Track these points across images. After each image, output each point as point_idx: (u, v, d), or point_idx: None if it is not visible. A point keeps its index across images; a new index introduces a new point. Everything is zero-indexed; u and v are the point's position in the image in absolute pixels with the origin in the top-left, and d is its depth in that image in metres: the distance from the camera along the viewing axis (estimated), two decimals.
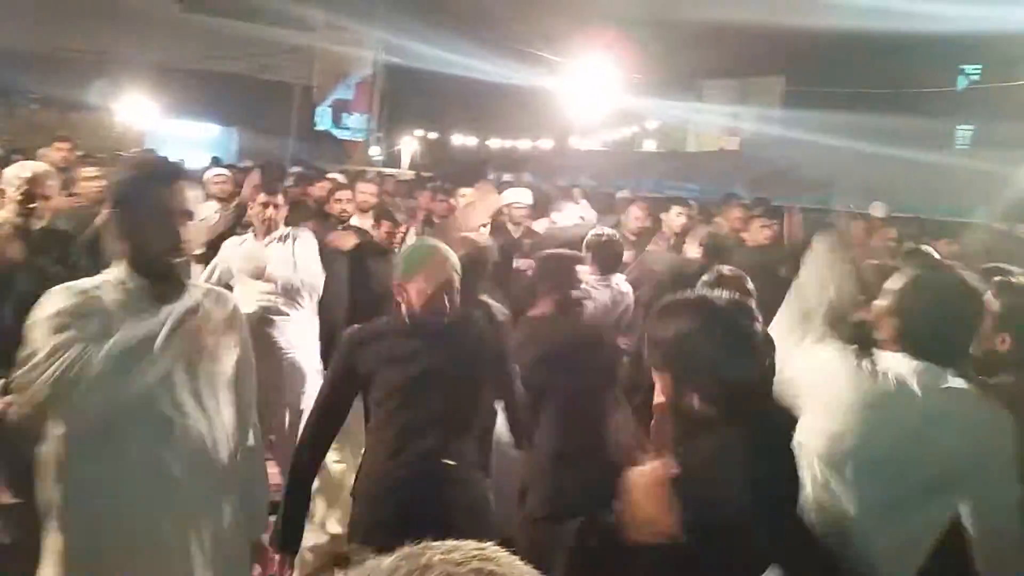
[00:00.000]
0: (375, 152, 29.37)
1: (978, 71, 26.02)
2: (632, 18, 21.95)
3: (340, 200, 5.67)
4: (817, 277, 2.18)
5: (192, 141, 22.89)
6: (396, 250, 4.93)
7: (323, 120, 28.87)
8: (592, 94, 19.86)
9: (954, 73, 26.38)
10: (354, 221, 5.74)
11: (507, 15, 22.65)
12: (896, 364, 1.95)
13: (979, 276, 2.43)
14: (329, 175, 7.91)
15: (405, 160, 30.08)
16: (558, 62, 20.05)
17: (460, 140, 32.44)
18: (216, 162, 13.52)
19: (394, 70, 28.79)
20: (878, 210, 7.61)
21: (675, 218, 6.06)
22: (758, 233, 5.42)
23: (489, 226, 5.36)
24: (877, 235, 5.95)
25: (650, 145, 32.80)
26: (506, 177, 23.99)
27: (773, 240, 5.32)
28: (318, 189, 6.81)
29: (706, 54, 27.56)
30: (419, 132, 32.00)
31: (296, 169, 9.06)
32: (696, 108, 28.58)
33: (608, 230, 4.65)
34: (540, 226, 6.67)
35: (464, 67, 22.23)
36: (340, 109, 29.12)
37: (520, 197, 6.39)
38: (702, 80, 30.79)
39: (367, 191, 6.33)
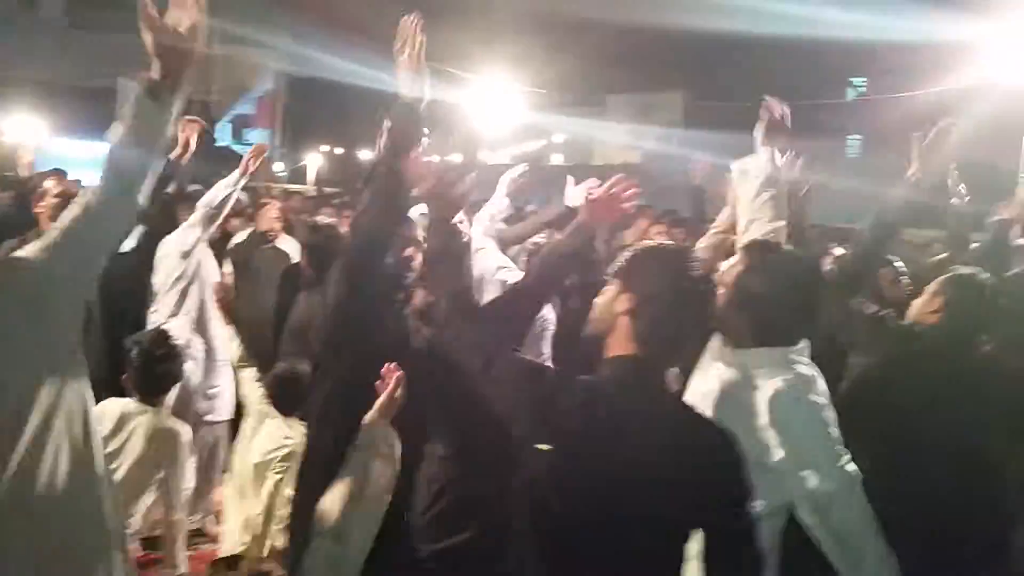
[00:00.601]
0: (279, 168, 28.81)
1: (864, 83, 27.38)
2: (536, 35, 22.20)
3: (267, 217, 5.49)
4: None
5: (85, 160, 21.95)
6: None
7: (223, 136, 28.16)
8: (499, 109, 19.98)
9: (843, 86, 27.69)
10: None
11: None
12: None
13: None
14: None
15: (311, 176, 29.60)
16: (465, 77, 20.10)
17: (368, 155, 32.13)
18: None
19: (298, 84, 28.35)
20: None
21: None
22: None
23: None
24: None
25: (558, 159, 33.24)
26: (415, 192, 23.85)
27: None
28: None
29: (609, 70, 28.15)
30: (325, 147, 31.51)
31: (195, 187, 8.75)
32: (600, 125, 29.14)
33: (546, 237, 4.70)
34: None
35: (370, 79, 22.04)
36: (241, 124, 28.46)
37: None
38: (605, 95, 31.44)
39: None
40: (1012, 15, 11.15)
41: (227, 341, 4.05)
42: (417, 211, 4.51)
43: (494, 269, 4.08)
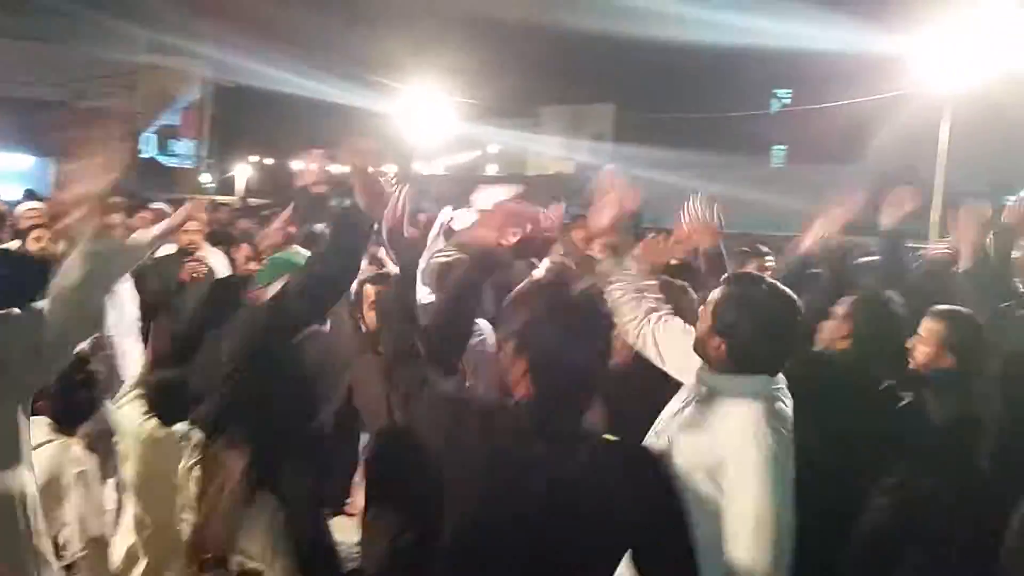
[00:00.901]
0: (206, 179, 28.21)
1: (789, 95, 28.20)
2: (468, 46, 22.21)
3: (188, 231, 5.29)
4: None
5: (3, 173, 21.11)
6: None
7: (148, 147, 27.45)
8: (432, 119, 19.93)
9: (767, 97, 28.49)
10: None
11: (343, 39, 22.41)
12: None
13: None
14: (153, 205, 7.45)
15: (240, 187, 29.03)
16: (397, 87, 20.01)
17: (300, 165, 31.65)
18: (31, 195, 12.48)
19: (226, 93, 27.82)
20: None
21: None
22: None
23: None
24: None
25: (492, 169, 33.35)
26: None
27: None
28: (139, 221, 6.37)
29: (542, 81, 28.37)
30: (254, 158, 30.96)
31: (116, 200, 8.49)
32: (533, 136, 29.35)
33: (454, 253, 4.50)
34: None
35: (300, 88, 21.78)
36: (167, 135, 27.79)
37: None
38: (539, 106, 31.69)
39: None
40: (930, 28, 11.62)
41: (135, 360, 3.93)
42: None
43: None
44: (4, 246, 5.09)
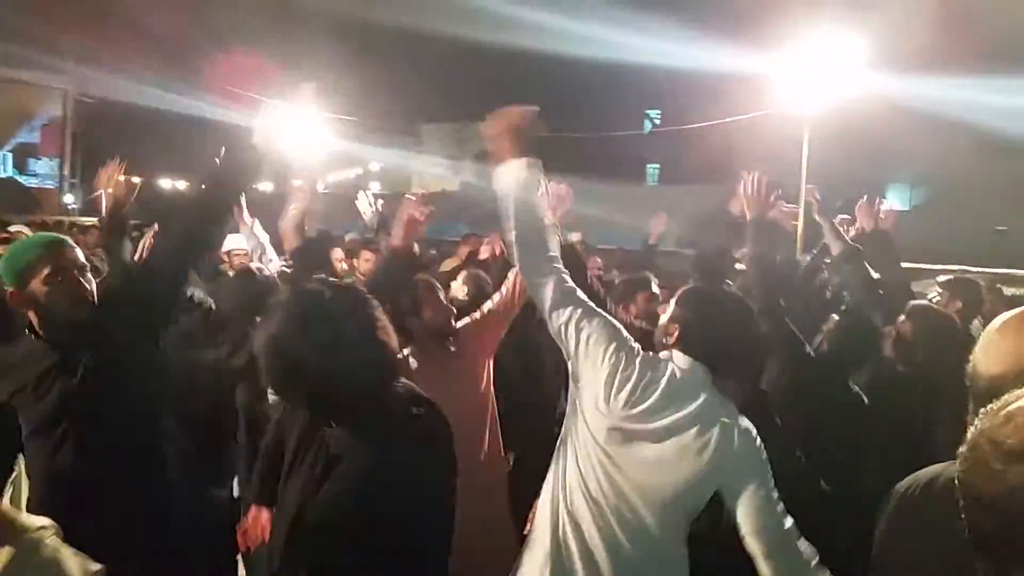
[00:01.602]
0: (69, 200, 26.75)
1: (659, 115, 29.32)
2: (346, 62, 21.99)
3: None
4: None
5: None
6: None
7: (5, 167, 25.84)
8: (310, 136, 19.52)
9: (641, 118, 29.50)
10: None
11: (214, 52, 21.78)
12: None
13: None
14: (11, 228, 7.03)
15: (105, 207, 27.68)
16: (268, 103, 19.61)
17: (169, 184, 30.51)
18: None
19: (89, 109, 26.51)
20: (575, 238, 8.28)
21: None
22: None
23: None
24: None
25: (375, 187, 33.06)
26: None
27: None
28: None
29: (422, 99, 28.40)
30: (120, 177, 29.61)
31: None
32: (413, 154, 29.34)
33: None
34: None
35: (170, 103, 20.99)
36: (26, 154, 26.23)
37: (237, 243, 6.11)
38: (420, 124, 31.70)
39: None
40: (789, 50, 12.18)
41: None
42: None
43: None
44: None
